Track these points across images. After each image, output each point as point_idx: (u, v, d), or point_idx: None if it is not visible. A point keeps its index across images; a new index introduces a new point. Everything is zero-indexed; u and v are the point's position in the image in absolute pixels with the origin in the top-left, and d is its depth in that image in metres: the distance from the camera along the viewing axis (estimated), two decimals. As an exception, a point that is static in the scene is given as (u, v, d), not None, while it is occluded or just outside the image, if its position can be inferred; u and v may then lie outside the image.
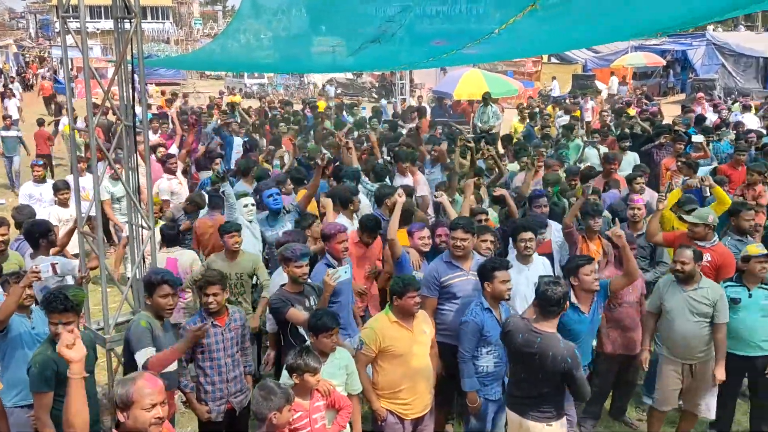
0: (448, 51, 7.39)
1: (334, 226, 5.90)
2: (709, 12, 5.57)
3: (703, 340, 5.58)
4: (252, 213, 7.03)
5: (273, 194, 7.19)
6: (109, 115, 15.61)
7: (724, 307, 5.56)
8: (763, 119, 15.79)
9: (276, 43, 8.12)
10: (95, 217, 5.92)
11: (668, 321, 5.67)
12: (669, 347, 5.72)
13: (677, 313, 5.58)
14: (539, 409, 4.60)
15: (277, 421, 3.90)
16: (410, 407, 4.98)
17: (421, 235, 6.22)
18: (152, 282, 4.75)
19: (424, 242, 6.20)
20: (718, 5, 5.18)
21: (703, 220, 6.37)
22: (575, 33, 6.68)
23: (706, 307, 5.52)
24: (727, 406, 6.03)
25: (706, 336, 5.58)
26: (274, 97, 27.65)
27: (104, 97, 5.46)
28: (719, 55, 30.74)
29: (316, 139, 13.06)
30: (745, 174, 9.51)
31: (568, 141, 12.31)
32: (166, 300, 4.74)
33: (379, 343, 4.85)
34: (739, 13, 7.28)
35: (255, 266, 6.33)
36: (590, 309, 5.27)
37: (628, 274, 5.44)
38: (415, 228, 6.30)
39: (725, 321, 5.55)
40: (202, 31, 56.73)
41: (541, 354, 4.45)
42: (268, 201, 7.15)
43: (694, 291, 5.54)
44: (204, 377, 4.99)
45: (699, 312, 5.53)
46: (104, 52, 39.62)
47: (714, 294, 5.54)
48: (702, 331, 5.56)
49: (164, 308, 4.76)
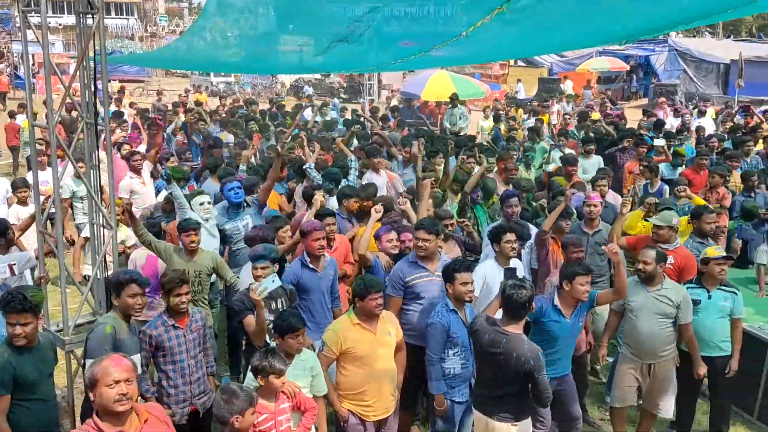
0: (416, 52, 7.39)
1: (310, 224, 5.84)
2: (674, 21, 5.67)
3: (665, 341, 5.66)
4: (209, 211, 6.91)
5: (234, 188, 7.11)
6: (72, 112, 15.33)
7: (688, 308, 5.65)
8: (723, 124, 16.12)
9: (242, 41, 8.03)
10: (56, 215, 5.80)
11: (632, 320, 5.74)
12: (631, 346, 5.78)
13: (641, 313, 5.65)
14: (505, 409, 4.65)
15: (240, 425, 3.83)
16: (373, 409, 4.96)
17: (389, 238, 6.20)
18: (120, 281, 4.68)
19: (392, 245, 6.18)
20: (684, 14, 5.26)
21: (667, 223, 6.49)
22: (543, 39, 6.73)
23: (669, 308, 5.60)
24: (688, 405, 6.14)
25: (668, 336, 5.66)
26: (240, 96, 27.44)
27: (65, 94, 5.35)
28: (681, 61, 31.38)
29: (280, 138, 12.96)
30: (707, 178, 9.71)
31: (534, 144, 12.42)
32: (135, 299, 4.66)
33: (340, 344, 4.83)
34: (705, 23, 7.42)
35: (215, 264, 6.20)
36: (572, 315, 5.30)
37: (617, 292, 5.47)
38: (382, 231, 6.29)
39: (689, 321, 5.64)
40: (167, 27, 56.04)
41: (506, 354, 4.50)
42: (229, 194, 7.07)
43: (658, 291, 5.62)
44: (167, 380, 4.90)
45: (662, 312, 5.61)
46: (66, 47, 38.90)
47: (677, 295, 5.63)
48: (664, 332, 5.64)
49: (132, 308, 4.68)
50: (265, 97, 29.20)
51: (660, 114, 17.95)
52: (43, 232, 5.57)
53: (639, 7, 5.31)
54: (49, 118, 5.16)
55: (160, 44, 43.70)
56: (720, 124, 17.50)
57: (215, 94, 29.22)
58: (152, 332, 4.83)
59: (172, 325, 4.87)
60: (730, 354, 5.88)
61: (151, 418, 3.52)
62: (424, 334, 5.20)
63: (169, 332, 4.86)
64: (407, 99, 22.23)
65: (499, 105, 21.39)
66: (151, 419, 3.52)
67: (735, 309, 5.85)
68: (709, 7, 4.97)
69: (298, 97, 27.55)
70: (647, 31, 6.77)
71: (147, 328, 4.89)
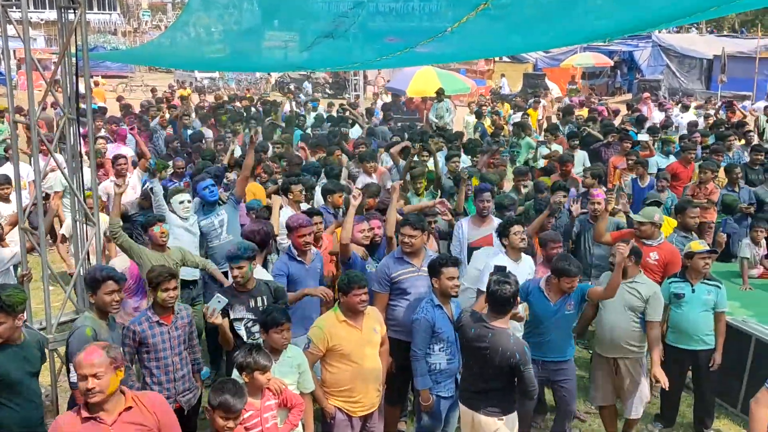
0: (401, 48, 7.38)
1: (297, 219, 5.81)
2: (657, 19, 5.69)
3: (629, 335, 5.63)
4: (188, 210, 6.84)
5: (208, 186, 7.02)
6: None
7: (658, 305, 5.62)
8: (706, 120, 16.23)
9: (227, 36, 7.98)
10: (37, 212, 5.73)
11: (600, 311, 5.76)
12: (599, 340, 5.82)
13: (609, 304, 5.64)
14: (491, 404, 4.67)
15: None
16: (359, 404, 4.96)
17: (361, 228, 6.20)
18: (96, 278, 4.62)
19: (364, 235, 6.19)
20: (666, 12, 5.28)
21: (649, 219, 6.52)
22: (527, 36, 6.73)
23: (637, 301, 5.59)
24: (672, 399, 6.19)
25: (634, 332, 5.64)
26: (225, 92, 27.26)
27: (46, 89, 5.29)
28: (664, 56, 31.57)
29: (265, 134, 12.92)
30: (692, 172, 9.78)
31: (519, 139, 12.46)
32: (112, 296, 4.61)
33: (326, 342, 4.82)
34: (688, 21, 7.46)
35: (182, 254, 6.14)
36: (558, 300, 5.34)
37: (609, 290, 5.40)
38: (354, 221, 6.28)
39: (658, 320, 5.62)
40: (150, 22, 55.59)
41: (491, 348, 4.52)
42: (204, 193, 6.98)
43: (629, 284, 5.62)
44: (150, 377, 4.86)
45: (629, 305, 5.60)
46: (48, 43, 38.48)
47: (648, 291, 5.61)
48: (630, 326, 5.63)
49: (109, 305, 4.63)
50: (252, 92, 29.07)
51: (644, 109, 18.04)
52: (25, 228, 5.51)
53: (622, 5, 5.33)
54: (31, 114, 5.11)
55: (143, 39, 43.31)
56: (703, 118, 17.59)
57: (199, 89, 29.05)
58: (136, 328, 4.78)
59: (156, 322, 4.83)
60: (714, 347, 5.93)
61: (137, 408, 3.56)
62: (410, 330, 5.20)
63: (153, 329, 4.81)
64: (393, 95, 22.23)
65: (483, 100, 21.41)
66: (136, 409, 3.55)
67: (718, 302, 5.90)
68: (691, 6, 4.99)
69: (283, 93, 27.42)
70: (631, 29, 6.81)
71: (131, 324, 4.84)
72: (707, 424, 6.18)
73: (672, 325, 6.03)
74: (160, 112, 14.46)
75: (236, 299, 5.13)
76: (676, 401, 6.24)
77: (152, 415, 3.60)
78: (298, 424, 4.62)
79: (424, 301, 5.21)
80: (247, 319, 5.09)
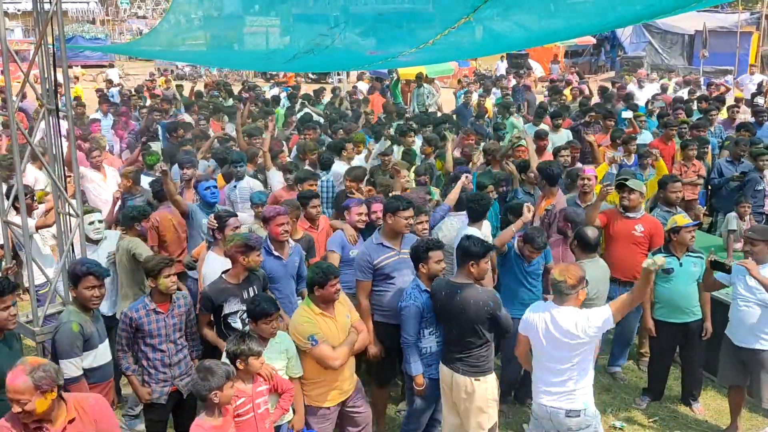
0: (383, 59, 7.46)
1: (273, 209, 5.78)
2: (638, 16, 5.71)
3: None
4: (100, 231, 6.22)
5: (210, 187, 6.95)
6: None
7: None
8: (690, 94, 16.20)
9: (207, 22, 7.92)
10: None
11: None
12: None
13: None
14: (467, 364, 4.86)
15: (219, 399, 3.93)
16: (338, 390, 4.92)
17: (359, 211, 6.19)
18: (77, 273, 4.62)
19: (361, 218, 6.18)
20: (648, 10, 5.27)
21: (639, 188, 6.57)
22: (509, 38, 6.72)
23: None
24: (661, 373, 6.25)
25: None
26: (208, 79, 26.99)
27: (23, 81, 5.21)
28: (646, 33, 31.49)
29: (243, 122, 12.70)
30: (674, 148, 9.81)
31: (504, 119, 12.43)
32: (92, 292, 4.62)
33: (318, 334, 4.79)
34: (669, 15, 7.45)
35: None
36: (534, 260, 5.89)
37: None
38: (352, 204, 6.27)
39: None
40: (129, 10, 54.84)
41: (464, 303, 4.77)
42: (205, 194, 6.92)
43: None
44: (146, 360, 4.95)
45: None
46: (26, 33, 37.91)
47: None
48: None
49: (89, 300, 4.65)
50: (233, 80, 28.84)
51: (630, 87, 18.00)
52: (7, 222, 5.45)
53: (606, 5, 5.35)
54: (9, 105, 5.03)
55: (122, 28, 42.79)
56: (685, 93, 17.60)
57: (180, 77, 28.79)
58: (133, 315, 4.86)
59: (153, 310, 4.88)
60: (702, 318, 6.00)
61: (79, 419, 3.50)
62: (396, 313, 5.22)
63: (150, 316, 4.87)
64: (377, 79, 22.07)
65: (467, 81, 21.34)
66: (78, 420, 3.50)
67: (702, 273, 5.96)
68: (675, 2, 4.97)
69: (266, 80, 27.15)
70: (616, 25, 6.82)
71: (129, 310, 4.92)
72: (695, 396, 6.26)
73: (662, 300, 6.06)
74: (140, 101, 14.32)
75: (230, 293, 5.11)
76: (664, 375, 6.31)
77: (92, 424, 3.57)
78: (289, 409, 4.65)
79: (410, 287, 5.21)
80: (242, 312, 5.07)
